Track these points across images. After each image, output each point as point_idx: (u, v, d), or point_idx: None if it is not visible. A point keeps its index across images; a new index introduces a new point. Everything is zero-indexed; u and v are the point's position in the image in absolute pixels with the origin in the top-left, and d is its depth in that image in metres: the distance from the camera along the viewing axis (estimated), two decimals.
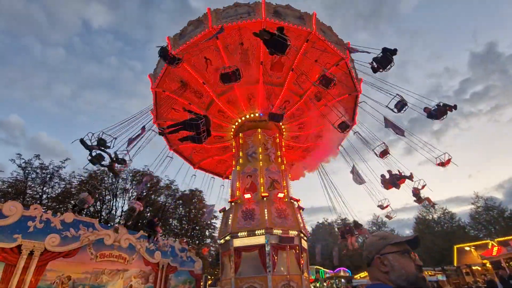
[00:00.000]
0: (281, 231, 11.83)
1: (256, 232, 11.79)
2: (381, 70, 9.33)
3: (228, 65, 12.27)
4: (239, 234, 12.04)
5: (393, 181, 12.73)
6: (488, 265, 18.40)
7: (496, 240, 18.55)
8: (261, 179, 13.76)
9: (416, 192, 13.47)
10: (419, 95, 11.77)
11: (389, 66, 9.14)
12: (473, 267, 20.70)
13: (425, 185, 13.35)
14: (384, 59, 9.12)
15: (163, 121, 15.12)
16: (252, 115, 15.56)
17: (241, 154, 15.07)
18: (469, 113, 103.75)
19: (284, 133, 16.96)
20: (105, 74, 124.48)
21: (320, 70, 13.53)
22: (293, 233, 12.09)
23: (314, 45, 12.12)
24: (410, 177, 12.74)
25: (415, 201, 13.90)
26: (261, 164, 14.19)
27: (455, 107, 10.32)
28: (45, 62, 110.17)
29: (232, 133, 16.30)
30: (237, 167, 14.68)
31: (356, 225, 14.38)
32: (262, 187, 13.44)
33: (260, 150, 14.73)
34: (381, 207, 14.78)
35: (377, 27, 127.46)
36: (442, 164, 12.70)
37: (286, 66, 12.84)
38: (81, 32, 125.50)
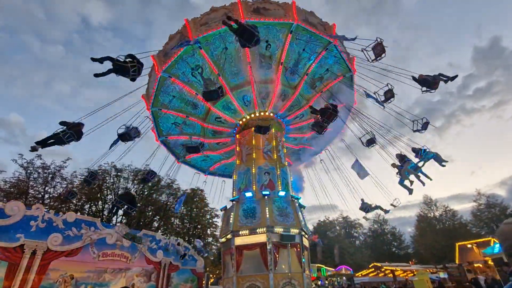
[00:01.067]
0: (282, 230, 11.84)
1: (258, 230, 11.81)
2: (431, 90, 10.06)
3: (249, 60, 12.62)
4: (240, 233, 12.06)
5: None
6: (490, 262, 18.36)
7: None
8: (278, 178, 13.86)
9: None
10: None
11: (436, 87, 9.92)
12: (475, 265, 20.66)
13: (400, 203, 14.01)
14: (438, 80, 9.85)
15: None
16: (266, 113, 15.53)
17: (254, 145, 14.79)
18: (471, 109, 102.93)
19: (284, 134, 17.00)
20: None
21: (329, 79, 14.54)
22: (294, 231, 12.10)
23: (333, 54, 13.35)
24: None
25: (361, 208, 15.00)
26: (277, 163, 14.28)
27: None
28: (44, 60, 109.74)
29: (237, 128, 16.20)
30: (252, 161, 14.37)
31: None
32: (279, 186, 13.52)
33: (274, 149, 14.80)
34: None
35: (379, 22, 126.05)
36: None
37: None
38: (80, 29, 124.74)
